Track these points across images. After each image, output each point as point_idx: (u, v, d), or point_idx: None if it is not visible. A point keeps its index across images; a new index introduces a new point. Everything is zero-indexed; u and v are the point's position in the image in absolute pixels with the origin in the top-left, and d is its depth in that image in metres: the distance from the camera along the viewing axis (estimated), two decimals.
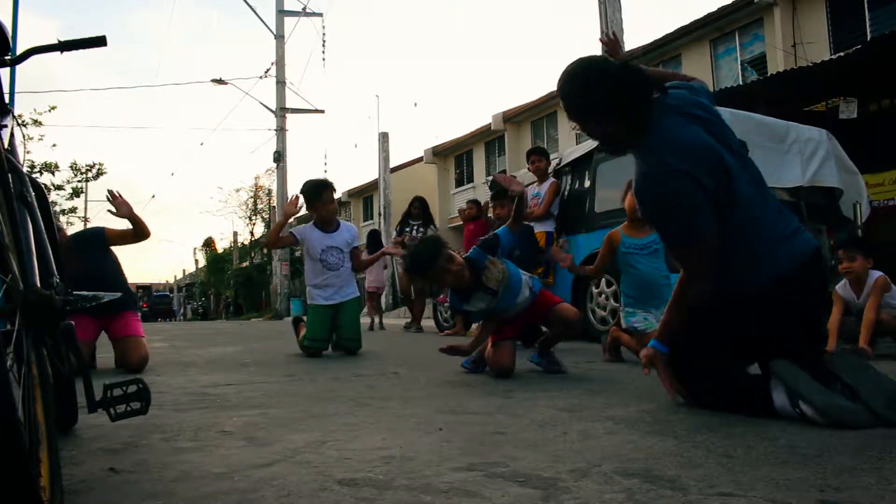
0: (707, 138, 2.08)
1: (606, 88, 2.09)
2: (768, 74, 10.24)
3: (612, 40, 2.83)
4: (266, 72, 20.82)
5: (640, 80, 2.10)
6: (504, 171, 12.94)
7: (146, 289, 44.46)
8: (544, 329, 3.70)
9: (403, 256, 3.52)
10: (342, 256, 4.94)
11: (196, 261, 46.99)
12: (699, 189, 2.00)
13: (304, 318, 5.21)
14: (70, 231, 4.48)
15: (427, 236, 3.21)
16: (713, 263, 2.05)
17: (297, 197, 4.99)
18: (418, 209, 8.60)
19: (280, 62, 20.71)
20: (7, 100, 1.54)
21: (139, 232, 4.09)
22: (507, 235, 3.48)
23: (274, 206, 22.16)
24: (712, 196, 2.02)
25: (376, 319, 9.86)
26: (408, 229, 8.55)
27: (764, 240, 2.07)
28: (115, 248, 4.18)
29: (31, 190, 1.55)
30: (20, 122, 1.81)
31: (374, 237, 10.05)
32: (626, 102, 2.09)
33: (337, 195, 5.61)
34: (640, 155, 2.16)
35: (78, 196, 25.10)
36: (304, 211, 5.34)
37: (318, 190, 4.90)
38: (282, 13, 20.83)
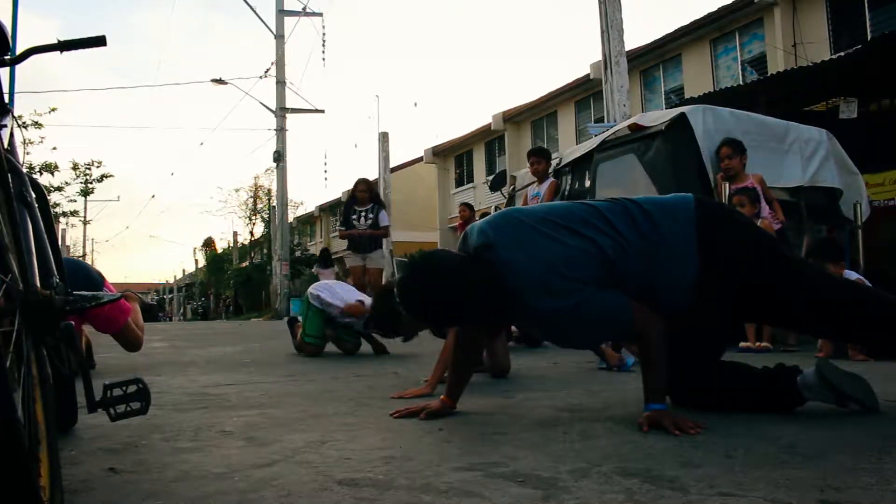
0: (547, 247, 1.97)
1: (444, 308, 2.00)
2: (768, 74, 10.24)
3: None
4: (266, 72, 20.83)
5: (459, 279, 1.98)
6: (504, 171, 12.97)
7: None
8: None
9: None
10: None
11: (196, 261, 47.02)
12: (584, 289, 1.92)
13: (299, 317, 5.23)
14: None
15: (383, 292, 3.09)
16: (649, 309, 1.97)
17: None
18: (365, 191, 7.51)
19: (280, 62, 20.70)
20: (7, 100, 1.54)
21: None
22: None
23: (274, 206, 22.10)
24: (599, 281, 1.95)
25: None
26: (354, 216, 7.43)
27: (663, 270, 2.01)
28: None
29: (31, 190, 1.55)
30: (20, 123, 1.81)
31: (324, 254, 11.04)
32: (463, 298, 1.98)
33: (336, 195, 5.64)
34: (520, 311, 2.06)
35: (86, 196, 25.15)
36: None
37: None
38: (282, 13, 20.82)
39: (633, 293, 1.98)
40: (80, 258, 32.12)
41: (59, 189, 22.71)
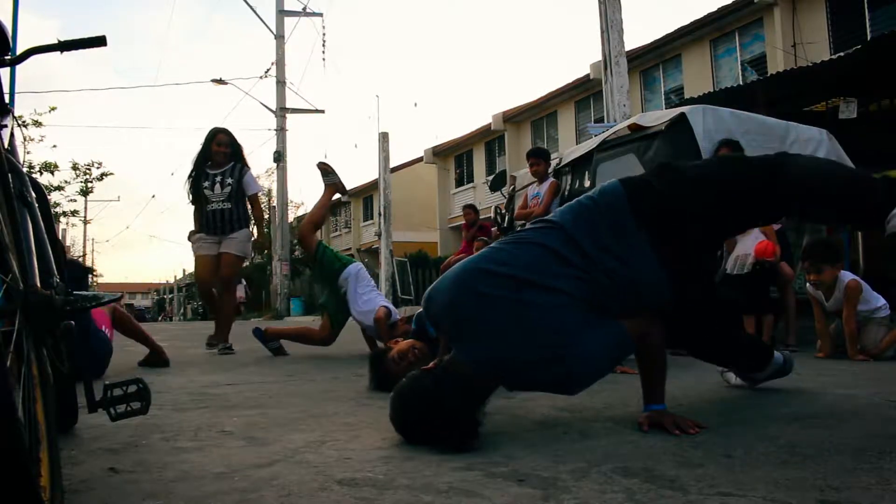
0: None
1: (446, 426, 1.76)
2: (768, 74, 10.24)
3: None
4: (266, 72, 20.79)
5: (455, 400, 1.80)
6: (504, 171, 12.93)
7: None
8: None
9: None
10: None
11: None
12: (581, 340, 1.82)
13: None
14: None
15: (374, 356, 2.91)
16: (641, 316, 1.92)
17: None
18: (227, 145, 5.29)
19: (280, 62, 20.68)
20: (7, 100, 1.54)
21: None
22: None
23: (274, 206, 22.10)
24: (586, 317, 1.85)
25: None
26: (206, 184, 5.22)
27: (638, 276, 1.93)
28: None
29: (31, 190, 1.55)
30: (20, 123, 1.81)
31: None
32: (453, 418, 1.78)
33: (336, 195, 5.53)
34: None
35: (85, 195, 25.10)
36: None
37: None
38: (282, 13, 20.80)
39: (620, 308, 1.90)
40: (80, 258, 32.09)
41: (60, 188, 22.69)
